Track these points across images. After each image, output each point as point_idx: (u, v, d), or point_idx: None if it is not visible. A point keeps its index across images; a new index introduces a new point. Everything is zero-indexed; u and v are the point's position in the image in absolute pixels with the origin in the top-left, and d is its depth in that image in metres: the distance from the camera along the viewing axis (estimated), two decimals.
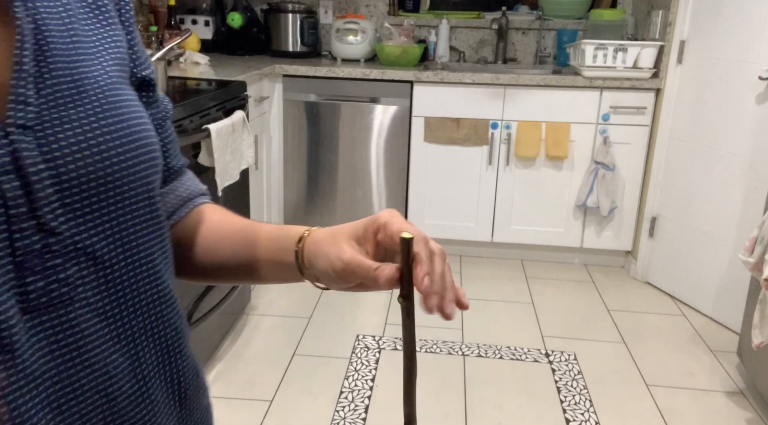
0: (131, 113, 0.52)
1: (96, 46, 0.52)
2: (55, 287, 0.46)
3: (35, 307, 0.45)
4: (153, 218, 0.54)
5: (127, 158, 0.50)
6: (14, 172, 0.44)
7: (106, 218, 0.49)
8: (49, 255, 0.46)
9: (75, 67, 0.49)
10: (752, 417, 2.14)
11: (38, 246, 0.45)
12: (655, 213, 3.08)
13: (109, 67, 0.52)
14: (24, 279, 0.44)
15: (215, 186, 2.14)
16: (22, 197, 0.44)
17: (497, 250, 3.36)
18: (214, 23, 3.47)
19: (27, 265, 0.45)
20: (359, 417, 2.06)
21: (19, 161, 0.44)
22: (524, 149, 3.09)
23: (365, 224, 0.59)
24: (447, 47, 3.52)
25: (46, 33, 0.48)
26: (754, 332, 1.99)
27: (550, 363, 2.42)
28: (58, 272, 0.46)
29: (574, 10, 3.49)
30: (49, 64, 0.47)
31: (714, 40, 2.71)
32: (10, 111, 0.44)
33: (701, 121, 2.79)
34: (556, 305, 2.89)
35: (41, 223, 0.45)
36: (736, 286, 2.63)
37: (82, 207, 0.47)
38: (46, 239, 0.45)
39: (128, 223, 0.51)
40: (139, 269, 0.53)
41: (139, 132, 0.52)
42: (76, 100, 0.48)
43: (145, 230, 0.53)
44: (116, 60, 0.54)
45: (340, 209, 3.30)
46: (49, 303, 0.46)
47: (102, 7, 0.55)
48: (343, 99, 3.15)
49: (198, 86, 2.37)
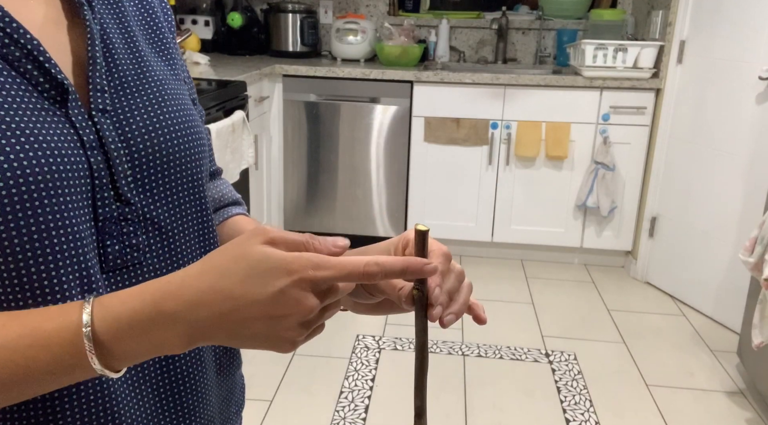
0: (185, 105, 0.60)
1: (149, 49, 0.61)
2: (129, 251, 0.54)
3: (112, 268, 0.53)
4: (201, 198, 0.61)
5: (185, 141, 0.58)
6: (99, 148, 0.51)
7: (168, 191, 0.57)
8: (123, 223, 0.53)
9: (137, 62, 0.57)
10: (752, 417, 2.14)
11: (116, 214, 0.52)
12: (655, 213, 3.08)
13: (164, 65, 0.61)
14: (104, 242, 0.52)
15: None
16: (105, 169, 0.52)
17: (497, 250, 3.36)
18: (214, 23, 3.47)
19: (107, 230, 0.52)
20: (359, 417, 2.06)
21: (102, 140, 0.52)
22: (524, 149, 3.09)
23: (394, 242, 0.59)
24: (447, 47, 3.52)
25: (110, 33, 0.56)
26: (754, 332, 1.99)
27: (550, 363, 2.42)
28: (131, 238, 0.54)
29: (574, 10, 3.49)
30: (115, 59, 0.56)
31: (714, 40, 2.71)
32: (92, 98, 0.52)
33: (701, 121, 2.79)
34: (556, 305, 2.89)
35: (119, 194, 0.52)
36: (736, 286, 2.63)
37: (150, 182, 0.55)
38: (122, 209, 0.53)
39: (184, 198, 0.59)
40: (194, 240, 0.60)
41: (192, 121, 0.60)
42: (140, 90, 0.56)
43: (195, 207, 0.60)
44: (167, 60, 0.62)
45: (340, 209, 3.30)
46: (123, 265, 0.54)
47: (155, 19, 0.63)
48: (343, 99, 3.15)
49: (198, 86, 2.37)
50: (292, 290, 0.44)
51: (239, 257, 0.45)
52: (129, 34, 0.59)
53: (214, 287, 0.44)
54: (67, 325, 0.44)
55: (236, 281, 0.44)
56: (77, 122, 0.50)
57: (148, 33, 0.62)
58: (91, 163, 0.51)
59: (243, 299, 0.44)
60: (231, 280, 0.44)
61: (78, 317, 0.44)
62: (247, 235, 0.46)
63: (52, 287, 0.48)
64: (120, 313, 0.45)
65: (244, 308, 0.44)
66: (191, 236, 0.60)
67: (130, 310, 0.45)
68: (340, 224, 3.30)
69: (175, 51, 0.64)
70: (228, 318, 0.44)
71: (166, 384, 0.58)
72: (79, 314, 0.44)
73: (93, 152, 0.51)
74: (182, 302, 0.44)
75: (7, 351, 0.43)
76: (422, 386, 0.54)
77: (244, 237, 0.46)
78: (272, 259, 0.44)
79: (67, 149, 0.49)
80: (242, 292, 0.44)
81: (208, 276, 0.45)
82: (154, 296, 0.45)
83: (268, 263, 0.44)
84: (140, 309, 0.45)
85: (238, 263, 0.44)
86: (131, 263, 0.54)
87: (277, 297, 0.44)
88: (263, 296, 0.44)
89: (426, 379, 0.53)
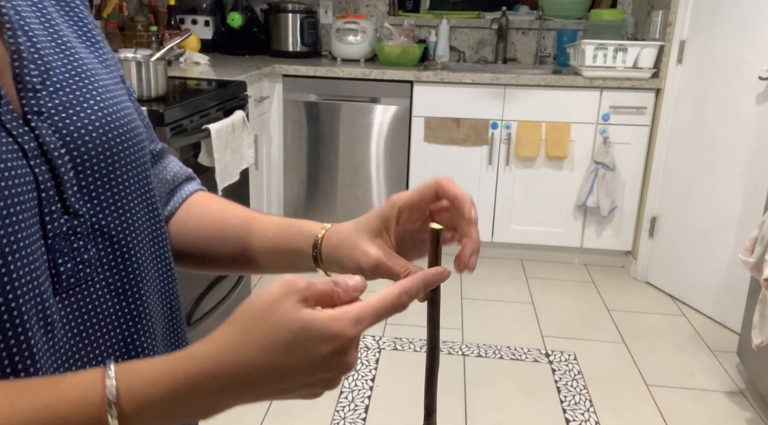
0: (120, 96, 0.53)
1: (72, 34, 0.53)
2: (81, 268, 0.48)
3: (65, 288, 0.47)
4: (150, 197, 0.56)
5: (126, 138, 0.52)
6: (41, 156, 0.45)
7: (117, 197, 0.51)
8: (73, 237, 0.47)
9: (63, 53, 0.50)
10: (752, 417, 2.14)
11: (65, 228, 0.47)
12: (655, 213, 3.08)
13: (89, 51, 0.54)
14: (56, 261, 0.46)
15: (215, 186, 2.14)
16: (50, 180, 0.45)
17: (497, 250, 3.36)
18: (214, 23, 3.47)
19: (57, 247, 0.46)
20: (359, 417, 2.06)
21: (43, 147, 0.45)
22: (524, 148, 3.09)
23: (381, 215, 0.57)
24: (447, 47, 3.52)
25: (28, 20, 0.49)
26: (754, 332, 1.99)
27: (550, 363, 2.42)
28: (83, 254, 0.48)
29: (574, 10, 3.49)
30: (39, 51, 0.48)
31: (714, 40, 2.71)
32: (24, 100, 0.45)
33: (701, 121, 2.79)
34: (556, 305, 2.88)
35: (66, 205, 0.47)
36: (736, 286, 2.62)
37: (96, 188, 0.49)
38: (71, 221, 0.47)
39: (132, 202, 0.53)
40: (147, 248, 0.55)
41: (129, 113, 0.53)
42: (71, 85, 0.49)
43: (145, 209, 0.55)
44: (90, 45, 0.55)
45: (340, 209, 3.30)
46: (76, 284, 0.48)
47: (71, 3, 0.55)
48: (343, 99, 3.15)
49: (198, 86, 2.37)
50: (335, 355, 0.43)
51: (279, 326, 0.42)
52: (47, 19, 0.51)
53: (254, 363, 0.42)
54: (86, 408, 0.40)
55: (278, 354, 0.42)
56: (13, 129, 0.44)
57: (67, 14, 0.54)
58: (36, 174, 0.44)
59: (287, 371, 0.42)
60: (272, 354, 0.42)
61: (101, 400, 0.40)
62: (277, 293, 0.43)
63: (12, 321, 0.42)
64: (149, 395, 0.41)
65: (288, 379, 0.43)
66: (144, 244, 0.54)
67: (162, 392, 0.41)
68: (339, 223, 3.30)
69: (95, 30, 0.56)
70: (268, 391, 0.43)
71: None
72: (101, 397, 0.40)
73: (36, 162, 0.44)
74: (221, 383, 0.42)
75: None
76: (433, 385, 0.53)
77: (275, 297, 0.43)
78: (314, 326, 0.42)
79: (8, 160, 0.43)
80: (286, 365, 0.42)
81: (246, 351, 0.42)
82: (188, 375, 0.41)
83: (311, 332, 0.42)
84: (173, 389, 0.41)
85: (279, 333, 0.42)
86: (84, 281, 0.48)
87: (321, 364, 0.42)
88: (307, 365, 0.42)
89: (437, 378, 0.53)
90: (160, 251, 0.57)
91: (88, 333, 0.49)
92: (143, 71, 1.95)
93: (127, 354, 0.52)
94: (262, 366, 0.42)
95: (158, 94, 2.00)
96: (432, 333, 0.53)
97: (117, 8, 2.72)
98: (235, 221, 0.65)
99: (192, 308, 2.11)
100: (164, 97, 2.02)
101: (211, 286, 2.23)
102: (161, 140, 0.68)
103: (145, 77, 1.96)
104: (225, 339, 0.43)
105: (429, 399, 0.54)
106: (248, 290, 2.72)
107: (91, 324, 0.49)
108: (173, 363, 0.42)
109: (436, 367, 0.53)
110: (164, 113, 1.83)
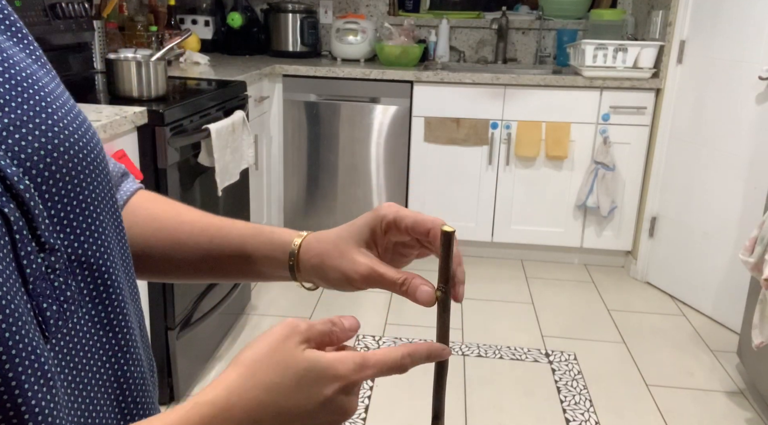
0: (68, 101, 0.46)
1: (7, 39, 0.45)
2: (66, 307, 0.43)
3: (54, 333, 0.42)
4: (118, 216, 0.51)
5: (87, 152, 0.45)
6: (5, 191, 0.38)
7: (88, 221, 0.45)
8: (53, 276, 0.42)
9: (1, 62, 0.42)
10: (752, 417, 2.14)
11: (43, 268, 0.41)
12: (655, 213, 3.08)
13: (22, 52, 0.45)
14: (40, 306, 0.41)
15: (215, 186, 2.14)
16: (20, 217, 0.39)
17: (497, 250, 3.36)
18: (214, 23, 3.47)
19: (39, 290, 0.40)
20: (359, 417, 2.06)
21: (6, 180, 0.38)
22: (524, 148, 3.09)
23: (369, 225, 0.56)
24: (447, 47, 3.52)
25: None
26: (754, 332, 1.99)
27: (550, 363, 2.42)
28: (65, 291, 0.43)
29: (574, 10, 3.49)
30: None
31: (714, 40, 2.71)
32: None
33: (701, 121, 2.79)
34: (556, 305, 2.88)
35: (41, 242, 0.41)
36: (736, 286, 2.62)
37: (66, 215, 0.43)
38: (48, 259, 0.41)
39: (104, 224, 0.47)
40: (120, 271, 0.50)
41: (83, 120, 0.47)
42: (16, 99, 0.41)
43: (115, 229, 0.50)
44: (22, 44, 0.46)
45: (340, 209, 3.30)
46: (63, 327, 0.43)
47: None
48: (343, 99, 3.15)
49: (198, 86, 2.37)
50: (339, 396, 0.44)
51: (285, 367, 0.43)
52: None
53: (263, 404, 0.43)
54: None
55: (285, 394, 0.43)
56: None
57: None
58: (5, 213, 0.38)
59: (293, 411, 0.43)
60: (279, 394, 0.43)
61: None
62: (280, 335, 0.44)
63: (11, 393, 0.37)
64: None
65: (294, 419, 0.44)
66: (117, 266, 0.49)
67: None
68: (340, 224, 3.26)
69: (15, 17, 0.46)
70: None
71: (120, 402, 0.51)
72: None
73: (2, 200, 0.38)
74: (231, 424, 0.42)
75: None
76: (441, 389, 0.53)
77: (279, 338, 0.44)
78: (318, 367, 0.44)
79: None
80: (293, 405, 0.43)
81: (254, 391, 0.43)
82: (203, 422, 0.42)
83: (316, 372, 0.43)
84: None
85: (285, 374, 0.43)
86: (69, 321, 0.43)
87: (324, 405, 0.44)
88: (312, 406, 0.43)
89: (445, 381, 0.53)
90: (129, 270, 0.52)
91: (81, 375, 0.44)
92: (143, 71, 1.95)
93: (119, 388, 0.49)
94: (270, 405, 0.43)
95: (158, 94, 2.00)
96: (442, 337, 0.52)
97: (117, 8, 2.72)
98: (192, 227, 0.61)
99: (191, 309, 2.11)
100: (164, 97, 2.02)
101: (210, 287, 2.23)
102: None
103: (145, 77, 1.96)
104: (232, 382, 0.43)
105: (437, 402, 0.54)
106: (248, 290, 2.72)
107: (81, 365, 0.44)
108: (186, 414, 0.42)
109: (445, 370, 0.53)
110: (164, 113, 1.83)
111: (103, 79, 2.30)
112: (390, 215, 0.55)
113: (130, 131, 1.77)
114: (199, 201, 2.12)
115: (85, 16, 2.34)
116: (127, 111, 1.74)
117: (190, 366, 2.14)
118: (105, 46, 2.52)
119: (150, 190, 0.66)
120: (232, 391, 0.42)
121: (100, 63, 2.48)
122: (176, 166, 1.92)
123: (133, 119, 1.75)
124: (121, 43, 2.75)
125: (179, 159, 1.93)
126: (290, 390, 0.43)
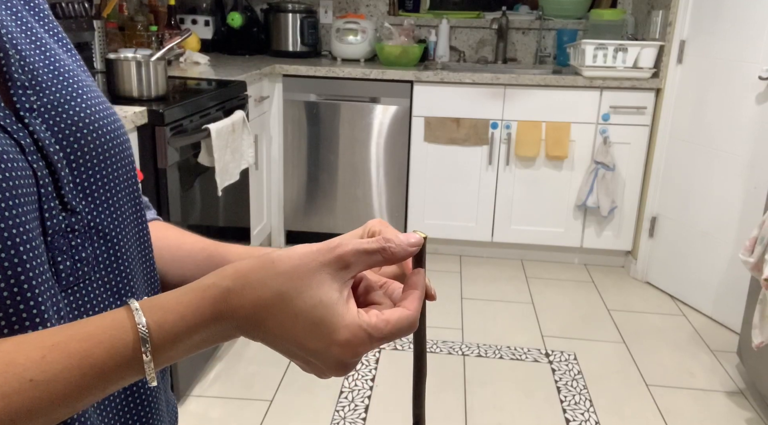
0: (101, 95, 0.54)
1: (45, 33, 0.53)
2: (79, 266, 0.48)
3: (65, 287, 0.47)
4: (137, 196, 0.56)
5: (113, 136, 0.52)
6: (37, 153, 0.45)
7: (108, 194, 0.51)
8: (71, 235, 0.47)
9: (42, 53, 0.50)
10: (752, 417, 2.14)
11: (63, 225, 0.47)
12: (654, 213, 3.08)
13: (62, 50, 0.53)
14: (55, 259, 0.46)
15: (215, 186, 2.14)
16: (48, 176, 0.45)
17: (497, 250, 3.36)
18: (214, 23, 3.47)
19: (56, 244, 0.46)
20: (359, 417, 2.06)
21: (39, 143, 0.45)
22: (524, 148, 3.09)
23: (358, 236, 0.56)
24: (447, 47, 3.52)
25: (5, 23, 0.48)
26: (754, 332, 1.99)
27: (550, 363, 2.42)
28: (81, 252, 0.48)
29: (574, 10, 3.49)
30: (20, 52, 0.48)
31: (714, 40, 2.71)
32: (15, 96, 0.46)
33: (701, 121, 2.79)
34: (556, 305, 2.88)
35: (64, 202, 0.47)
36: (736, 286, 2.62)
37: (89, 185, 0.49)
38: (68, 219, 0.47)
39: (122, 200, 0.53)
40: (134, 246, 0.55)
41: (112, 112, 0.54)
42: (57, 85, 0.49)
43: (132, 207, 0.55)
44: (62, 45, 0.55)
45: (340, 209, 3.30)
46: (74, 283, 0.47)
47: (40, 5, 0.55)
48: (343, 99, 3.15)
49: (198, 86, 2.37)
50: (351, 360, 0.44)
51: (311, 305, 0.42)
52: (21, 19, 0.51)
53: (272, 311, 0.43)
54: (120, 350, 0.41)
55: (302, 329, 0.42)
56: (7, 125, 0.44)
57: (33, 9, 0.53)
58: (35, 170, 0.44)
59: (303, 346, 0.43)
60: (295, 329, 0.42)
61: (134, 339, 0.41)
62: (317, 250, 0.43)
63: (30, 312, 0.43)
64: (179, 330, 0.42)
65: (302, 353, 0.44)
66: (131, 241, 0.54)
67: (191, 326, 0.42)
68: (340, 224, 3.30)
69: (56, 22, 0.56)
70: (282, 346, 0.44)
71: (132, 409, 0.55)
72: (133, 336, 0.41)
73: (33, 157, 0.45)
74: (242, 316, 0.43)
75: (60, 384, 0.39)
76: (420, 394, 0.53)
77: (313, 253, 0.43)
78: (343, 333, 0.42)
79: (8, 153, 0.43)
80: (302, 343, 0.43)
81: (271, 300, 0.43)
82: (216, 308, 0.42)
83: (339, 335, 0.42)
84: (201, 324, 0.42)
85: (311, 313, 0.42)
86: (82, 280, 0.48)
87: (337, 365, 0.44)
88: (324, 358, 0.43)
89: (424, 387, 0.52)
90: (145, 250, 0.57)
91: None
92: (143, 71, 1.95)
93: None
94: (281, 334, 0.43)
95: (158, 94, 2.00)
96: (419, 343, 0.52)
97: (117, 8, 2.72)
98: (192, 246, 0.65)
99: None
100: (164, 97, 2.02)
101: None
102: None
103: (145, 77, 1.96)
104: (247, 276, 0.43)
105: (417, 409, 0.53)
106: None
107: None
108: (201, 294, 0.43)
109: (423, 377, 0.52)
110: (164, 113, 1.83)
111: (103, 79, 2.29)
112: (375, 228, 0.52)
113: (130, 131, 1.77)
114: (199, 201, 2.12)
115: (85, 16, 2.34)
116: (127, 111, 1.74)
117: (190, 365, 2.14)
118: (105, 46, 2.52)
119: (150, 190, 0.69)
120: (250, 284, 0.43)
121: (100, 63, 2.48)
122: (176, 166, 1.92)
123: (133, 118, 1.75)
124: (121, 43, 2.75)
125: (179, 159, 1.93)
126: (307, 328, 0.42)
